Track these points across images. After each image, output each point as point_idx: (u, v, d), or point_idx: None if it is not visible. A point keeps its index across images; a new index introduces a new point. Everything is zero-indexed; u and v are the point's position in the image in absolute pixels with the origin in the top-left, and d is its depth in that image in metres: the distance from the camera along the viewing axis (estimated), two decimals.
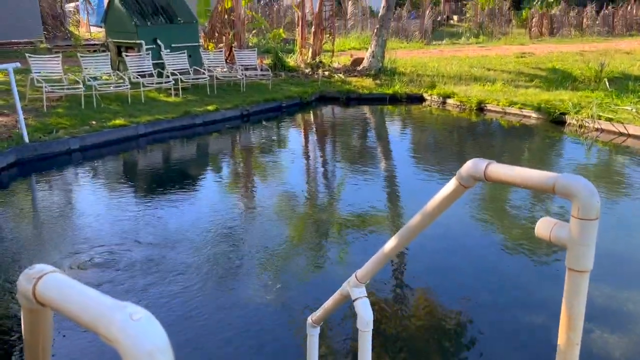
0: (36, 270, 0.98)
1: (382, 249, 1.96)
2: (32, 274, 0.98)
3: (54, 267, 0.98)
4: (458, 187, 1.58)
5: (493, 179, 1.47)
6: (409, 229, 1.79)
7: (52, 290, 0.94)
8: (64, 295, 0.94)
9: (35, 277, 0.97)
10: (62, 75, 9.81)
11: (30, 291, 0.95)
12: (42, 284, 0.95)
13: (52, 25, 20.09)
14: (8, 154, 7.10)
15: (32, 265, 0.99)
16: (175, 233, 5.26)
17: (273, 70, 13.62)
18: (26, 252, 4.92)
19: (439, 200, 1.66)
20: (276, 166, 8.10)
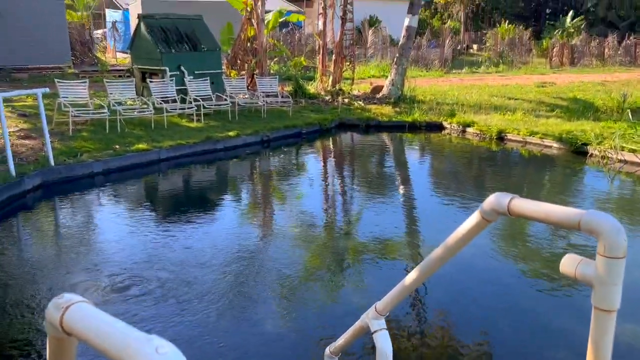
0: (65, 299, 1.00)
1: (402, 281, 1.94)
2: (60, 303, 1.00)
3: (82, 297, 1.00)
4: (481, 221, 1.57)
5: (517, 214, 1.46)
6: (431, 261, 1.78)
7: (80, 320, 0.96)
8: (91, 326, 0.95)
9: (64, 306, 0.98)
10: (88, 100, 10.07)
11: (58, 320, 0.96)
12: (69, 314, 0.97)
13: (80, 51, 20.69)
14: (34, 176, 7.26)
15: (61, 295, 1.01)
16: (193, 258, 5.28)
17: (294, 97, 13.78)
18: (46, 273, 4.97)
19: (461, 233, 1.65)
20: (295, 192, 8.13)
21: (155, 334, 0.77)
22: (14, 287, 4.65)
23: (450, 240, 1.74)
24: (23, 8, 16.68)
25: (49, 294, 4.48)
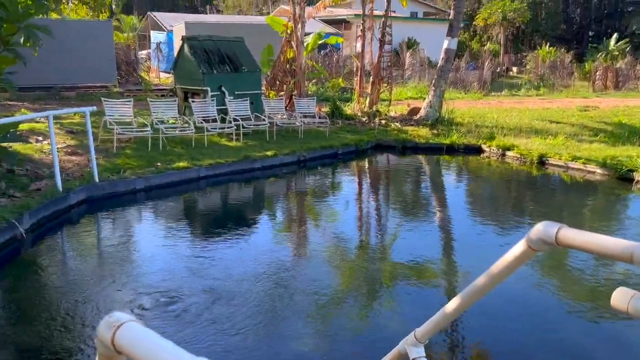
0: (115, 318, 1.02)
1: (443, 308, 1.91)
2: (112, 321, 1.02)
3: (133, 317, 1.03)
4: (527, 251, 1.54)
5: (565, 244, 1.42)
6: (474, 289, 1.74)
7: (130, 340, 0.98)
8: (142, 346, 0.97)
9: (115, 325, 1.01)
10: (132, 118, 10.39)
11: (109, 339, 0.99)
12: (121, 332, 0.99)
13: (126, 71, 21.44)
14: (79, 191, 7.50)
15: (112, 313, 1.03)
16: (228, 276, 5.33)
17: (331, 118, 13.87)
18: (85, 287, 5.10)
19: (506, 262, 1.62)
20: (330, 212, 8.14)
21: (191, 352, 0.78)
22: (54, 300, 4.78)
23: (494, 269, 1.71)
24: (74, 30, 17.46)
25: (85, 308, 4.59)
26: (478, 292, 1.72)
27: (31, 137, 9.69)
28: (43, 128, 10.47)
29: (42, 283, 5.20)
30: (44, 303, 4.69)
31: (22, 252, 5.90)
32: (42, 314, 4.47)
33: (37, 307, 4.62)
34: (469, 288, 1.77)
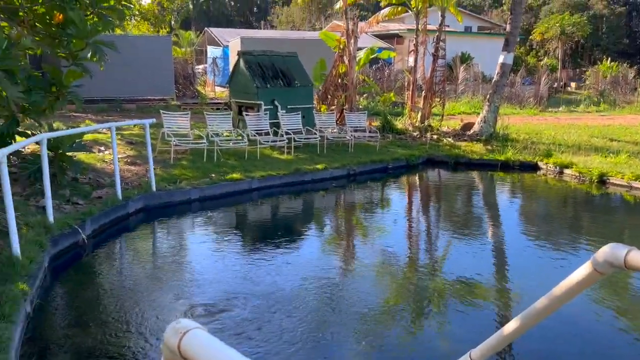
0: (182, 325, 1.06)
1: (501, 330, 1.87)
2: (178, 328, 1.06)
3: (198, 324, 1.06)
4: (592, 273, 1.49)
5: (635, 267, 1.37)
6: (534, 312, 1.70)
7: (197, 347, 1.01)
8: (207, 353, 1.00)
9: (181, 332, 1.05)
10: (189, 130, 10.73)
11: (176, 345, 1.02)
12: (187, 339, 1.03)
13: (183, 84, 22.18)
14: (137, 200, 7.79)
15: (178, 320, 1.07)
16: (275, 288, 5.37)
17: (381, 132, 13.84)
18: (142, 293, 5.27)
19: (570, 284, 1.57)
20: (379, 227, 8.08)
21: None
22: (112, 304, 4.96)
23: (556, 291, 1.66)
24: (135, 45, 18.22)
25: (141, 313, 4.73)
26: (538, 314, 1.68)
27: (94, 147, 10.16)
28: (105, 139, 10.96)
29: (100, 287, 5.42)
30: (102, 307, 4.88)
31: (83, 257, 6.16)
32: (100, 318, 4.65)
33: (96, 310, 4.81)
34: (529, 310, 1.72)
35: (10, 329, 3.67)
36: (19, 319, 3.94)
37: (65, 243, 6.08)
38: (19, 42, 7.18)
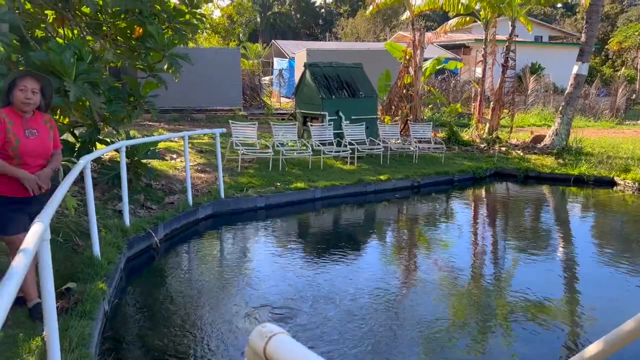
0: (268, 329, 1.10)
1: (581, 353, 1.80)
2: (264, 332, 1.10)
3: (282, 329, 1.10)
4: None
5: None
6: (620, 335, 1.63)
7: (282, 351, 1.05)
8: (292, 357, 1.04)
9: (267, 336, 1.09)
10: (255, 140, 11.01)
11: (262, 348, 1.06)
12: (272, 343, 1.07)
13: (250, 95, 22.81)
14: (207, 206, 8.08)
15: (264, 324, 1.11)
16: (335, 297, 5.39)
17: (447, 143, 13.61)
18: (210, 297, 5.43)
19: None
20: (442, 240, 7.93)
21: None
22: (181, 306, 5.15)
23: None
24: (206, 57, 18.92)
25: (209, 316, 4.89)
26: (625, 337, 1.60)
27: (167, 155, 10.62)
28: (177, 147, 11.44)
29: (171, 289, 5.64)
30: (173, 308, 5.08)
31: (155, 260, 6.45)
32: (171, 319, 4.84)
33: (167, 311, 5.01)
34: (614, 333, 1.65)
35: (91, 326, 3.89)
36: (98, 316, 4.18)
37: (140, 246, 6.39)
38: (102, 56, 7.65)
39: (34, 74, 3.88)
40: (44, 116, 3.96)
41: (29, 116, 3.82)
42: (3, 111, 3.73)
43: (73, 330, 3.69)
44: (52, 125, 3.99)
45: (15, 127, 3.70)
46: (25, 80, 3.74)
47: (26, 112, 3.79)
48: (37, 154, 3.80)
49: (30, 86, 3.74)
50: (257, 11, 54.22)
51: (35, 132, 3.81)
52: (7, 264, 4.74)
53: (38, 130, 3.83)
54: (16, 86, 3.73)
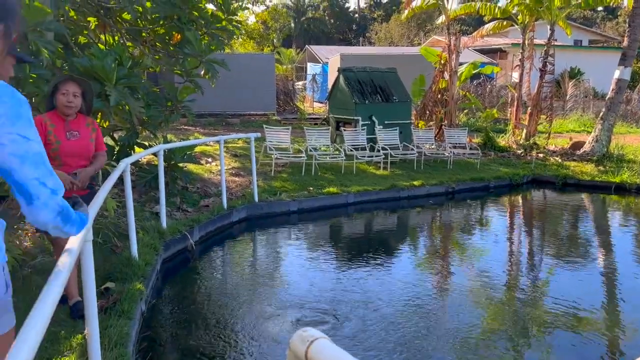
0: (309, 334, 1.10)
1: None
2: (306, 336, 1.10)
3: (323, 334, 1.10)
4: None
5: None
6: None
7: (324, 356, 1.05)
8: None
9: (309, 340, 1.09)
10: (289, 144, 11.08)
11: (304, 353, 1.07)
12: (314, 348, 1.07)
13: (283, 100, 22.97)
14: (241, 210, 8.17)
15: (305, 328, 1.11)
16: (377, 303, 5.35)
17: (482, 149, 13.40)
18: (243, 299, 5.48)
19: None
20: (477, 248, 7.79)
21: None
22: (215, 308, 5.21)
23: None
24: (240, 62, 19.16)
25: (242, 318, 4.93)
26: None
27: (202, 159, 10.79)
28: (212, 151, 11.61)
29: (206, 291, 5.71)
30: (207, 310, 5.15)
31: (190, 262, 6.55)
32: (205, 320, 4.90)
33: (202, 313, 5.08)
34: None
35: (129, 325, 3.98)
36: (135, 316, 4.27)
37: (176, 248, 6.50)
38: (141, 61, 7.85)
39: (76, 78, 4.00)
40: (87, 119, 4.09)
41: (71, 119, 3.94)
42: (46, 115, 3.88)
43: (112, 329, 3.78)
44: (94, 128, 4.11)
45: (56, 130, 3.83)
46: (67, 84, 3.88)
47: (68, 115, 3.91)
48: (77, 154, 3.92)
49: (72, 90, 3.87)
50: (292, 17, 54.70)
51: (77, 134, 3.93)
52: (50, 263, 4.90)
53: (79, 132, 3.95)
54: (58, 90, 3.86)
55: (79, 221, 1.78)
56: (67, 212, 1.69)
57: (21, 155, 1.56)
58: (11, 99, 1.56)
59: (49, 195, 1.61)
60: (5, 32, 1.68)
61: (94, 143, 4.06)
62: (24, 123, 1.58)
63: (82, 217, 1.82)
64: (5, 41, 1.70)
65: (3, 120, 1.53)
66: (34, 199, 1.60)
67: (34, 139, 1.60)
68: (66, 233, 1.75)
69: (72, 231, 1.76)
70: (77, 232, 1.80)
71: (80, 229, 1.81)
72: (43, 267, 4.91)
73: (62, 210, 1.66)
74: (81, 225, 1.80)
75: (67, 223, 1.71)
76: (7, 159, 1.55)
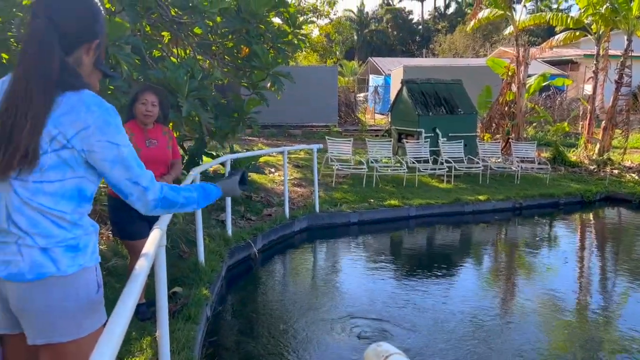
0: (384, 349, 1.10)
1: None
2: (381, 351, 1.10)
3: (397, 349, 1.09)
4: None
5: None
6: None
7: None
8: None
9: (384, 356, 1.08)
10: (350, 156, 11.10)
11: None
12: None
13: (345, 112, 23.07)
14: (303, 220, 8.26)
15: (380, 343, 1.11)
16: (430, 318, 5.24)
17: (552, 164, 12.88)
18: (303, 308, 5.51)
19: None
20: (545, 267, 7.46)
21: None
22: (277, 316, 5.27)
23: None
24: (303, 74, 19.44)
25: (303, 327, 4.95)
26: None
27: (265, 169, 11.00)
28: (274, 161, 11.82)
29: (268, 299, 5.80)
30: (269, 318, 5.22)
31: (253, 269, 6.67)
32: (267, 328, 4.97)
33: (264, 321, 5.15)
34: None
35: (195, 329, 4.10)
36: (201, 321, 4.39)
37: (240, 255, 6.65)
38: (211, 74, 8.13)
39: (153, 88, 4.22)
40: (163, 128, 4.29)
41: (149, 127, 4.14)
42: (126, 125, 4.09)
43: (179, 333, 3.91)
44: (170, 136, 4.31)
45: (136, 138, 4.03)
46: (146, 94, 4.09)
47: (147, 124, 4.11)
48: (156, 161, 4.11)
49: (150, 99, 4.08)
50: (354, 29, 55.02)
51: (155, 142, 4.13)
52: (123, 266, 5.14)
53: (158, 141, 4.15)
54: (138, 100, 4.08)
55: (194, 199, 1.96)
56: (169, 200, 1.84)
57: (111, 160, 1.69)
58: (99, 108, 1.67)
59: (142, 192, 1.77)
60: (97, 46, 1.80)
61: (171, 151, 4.25)
62: (112, 130, 1.69)
63: (206, 191, 2.04)
64: (96, 54, 1.83)
65: (93, 129, 1.64)
66: (128, 196, 1.78)
67: (123, 143, 1.72)
68: (182, 210, 1.96)
69: (188, 208, 1.98)
70: (200, 205, 1.99)
71: (200, 203, 1.99)
72: (116, 269, 5.15)
73: (162, 201, 1.82)
74: (200, 200, 1.99)
75: (173, 208, 1.89)
76: (99, 164, 1.69)
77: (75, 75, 1.70)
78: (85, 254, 1.75)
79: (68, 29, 1.70)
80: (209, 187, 2.06)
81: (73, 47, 1.73)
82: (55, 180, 1.65)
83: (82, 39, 1.74)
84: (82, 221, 1.75)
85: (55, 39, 1.66)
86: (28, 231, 1.64)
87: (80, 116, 1.63)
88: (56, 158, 1.63)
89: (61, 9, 1.71)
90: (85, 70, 1.80)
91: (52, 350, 1.71)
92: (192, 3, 6.92)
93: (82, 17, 1.74)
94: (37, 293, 1.65)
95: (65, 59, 1.68)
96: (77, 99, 1.65)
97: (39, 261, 1.65)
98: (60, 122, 1.61)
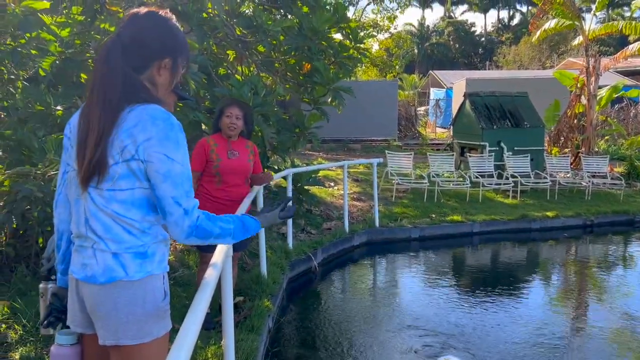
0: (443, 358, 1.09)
1: None
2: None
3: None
4: None
5: None
6: None
7: None
8: None
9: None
10: (411, 170, 10.99)
11: None
12: None
13: (405, 126, 22.88)
14: (362, 234, 8.24)
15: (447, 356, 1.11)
16: (494, 339, 5.06)
17: (626, 179, 12.20)
18: (362, 324, 5.47)
19: None
20: (619, 286, 7.04)
21: None
22: (335, 331, 5.26)
23: None
24: (363, 89, 19.49)
25: (362, 343, 4.92)
26: None
27: (325, 183, 11.08)
28: (334, 175, 11.88)
29: (328, 313, 5.81)
30: (329, 332, 5.22)
31: (314, 282, 6.72)
32: (327, 342, 4.98)
33: (324, 334, 5.16)
34: None
35: (258, 340, 4.17)
36: (263, 332, 4.46)
37: (300, 268, 6.72)
38: (274, 90, 8.33)
39: (238, 102, 4.42)
40: (247, 142, 4.46)
41: (233, 140, 4.33)
42: (211, 137, 4.31)
43: (243, 343, 3.99)
44: (252, 150, 4.46)
45: (219, 149, 4.24)
46: (231, 108, 4.28)
47: (231, 136, 4.30)
48: (236, 172, 4.29)
49: (235, 113, 4.26)
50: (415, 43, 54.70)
51: (237, 153, 4.30)
52: (189, 276, 5.33)
53: (239, 153, 4.33)
54: (223, 113, 4.28)
55: (229, 231, 1.86)
56: (204, 230, 1.78)
57: (164, 173, 1.72)
58: (164, 122, 1.74)
59: (181, 215, 1.73)
60: (172, 65, 1.89)
61: (252, 164, 4.40)
62: (171, 145, 1.74)
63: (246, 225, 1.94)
64: (172, 75, 1.92)
65: (154, 140, 1.72)
66: (167, 216, 1.74)
67: (180, 161, 1.74)
68: (217, 242, 1.88)
69: (223, 241, 1.88)
70: (235, 238, 1.89)
71: (236, 236, 1.89)
72: (183, 279, 5.34)
73: (197, 229, 1.76)
74: (236, 233, 1.89)
75: (208, 238, 1.81)
76: (152, 175, 1.73)
77: (144, 90, 1.80)
78: (153, 262, 1.81)
79: (135, 47, 1.80)
80: (249, 220, 1.96)
81: (144, 64, 1.83)
82: (126, 188, 1.74)
83: (152, 57, 1.84)
84: (152, 230, 1.81)
85: (118, 55, 1.76)
86: (102, 236, 1.75)
87: (146, 128, 1.71)
88: (126, 168, 1.72)
89: (132, 27, 1.82)
90: (160, 90, 1.89)
91: (120, 352, 1.80)
92: (256, 22, 7.14)
93: (150, 36, 1.83)
94: (107, 296, 1.75)
95: (131, 74, 1.78)
96: (145, 112, 1.74)
97: (110, 265, 1.74)
98: (130, 134, 1.71)
